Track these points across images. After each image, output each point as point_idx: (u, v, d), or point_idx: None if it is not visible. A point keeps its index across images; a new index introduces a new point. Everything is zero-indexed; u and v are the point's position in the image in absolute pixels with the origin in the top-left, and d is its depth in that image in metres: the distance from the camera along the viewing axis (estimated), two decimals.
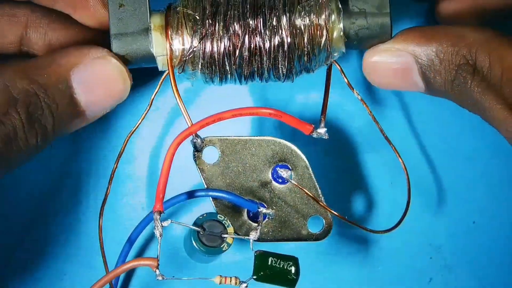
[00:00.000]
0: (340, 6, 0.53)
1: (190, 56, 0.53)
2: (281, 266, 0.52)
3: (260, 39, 0.53)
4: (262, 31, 0.53)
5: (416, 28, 0.54)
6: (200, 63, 0.53)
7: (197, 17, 0.53)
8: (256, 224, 0.55)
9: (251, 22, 0.53)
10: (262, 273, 0.52)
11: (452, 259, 0.62)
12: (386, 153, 0.59)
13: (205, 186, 0.55)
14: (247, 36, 0.53)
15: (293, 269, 0.52)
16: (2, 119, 0.48)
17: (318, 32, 0.53)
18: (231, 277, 0.51)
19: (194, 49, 0.53)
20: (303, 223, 0.56)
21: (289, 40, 0.53)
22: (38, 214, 0.61)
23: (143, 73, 0.56)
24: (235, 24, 0.53)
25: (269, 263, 0.52)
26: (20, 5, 0.55)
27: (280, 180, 0.56)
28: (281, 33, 0.53)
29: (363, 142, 0.62)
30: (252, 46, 0.53)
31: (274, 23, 0.53)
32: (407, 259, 0.62)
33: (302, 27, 0.53)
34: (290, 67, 0.54)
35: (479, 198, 0.62)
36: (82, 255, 0.61)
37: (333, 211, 0.55)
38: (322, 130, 0.54)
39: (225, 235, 0.53)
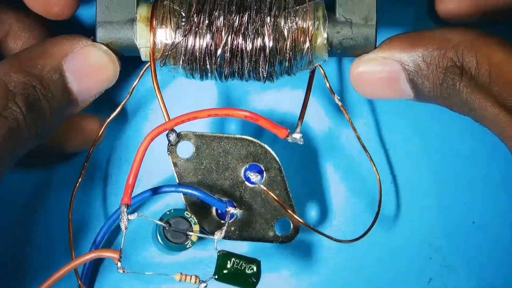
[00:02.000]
0: (326, 14, 0.53)
1: (173, 51, 0.53)
2: (242, 268, 0.53)
3: (243, 41, 0.53)
4: (245, 32, 0.53)
5: (400, 35, 0.54)
6: (181, 59, 0.53)
7: (183, 13, 0.53)
8: (223, 223, 0.55)
9: (235, 23, 0.53)
10: (222, 273, 0.52)
11: (451, 259, 0.62)
12: (366, 160, 0.59)
13: (177, 181, 0.56)
14: (229, 36, 0.53)
15: (254, 271, 0.53)
16: (4, 113, 0.48)
17: (302, 38, 0.53)
18: (191, 276, 0.52)
19: (177, 44, 0.53)
20: (271, 224, 0.56)
21: (271, 44, 0.53)
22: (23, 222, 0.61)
23: (125, 62, 0.56)
24: (218, 23, 0.53)
25: (231, 264, 0.53)
26: (7, 11, 0.56)
27: (251, 180, 0.56)
28: (264, 36, 0.53)
29: (344, 148, 0.62)
30: (234, 46, 0.53)
31: (258, 25, 0.53)
32: (407, 259, 0.62)
33: (286, 32, 0.53)
34: (270, 70, 0.54)
35: (479, 198, 0.62)
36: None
37: (297, 217, 0.55)
38: (297, 135, 0.54)
39: (190, 233, 0.53)
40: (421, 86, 0.52)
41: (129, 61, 0.56)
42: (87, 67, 0.53)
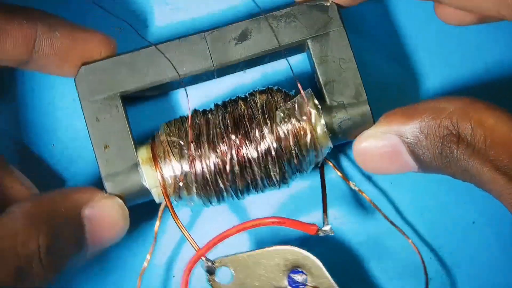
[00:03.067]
0: (317, 103, 0.54)
1: (184, 182, 0.53)
2: None
3: (247, 151, 0.53)
4: (247, 143, 0.53)
5: (396, 109, 0.54)
6: (194, 186, 0.53)
7: (182, 142, 0.53)
8: None
9: (234, 137, 0.53)
10: None
11: (452, 259, 0.61)
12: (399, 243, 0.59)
13: None
14: (234, 151, 0.53)
15: None
16: (22, 251, 0.47)
17: (302, 132, 0.53)
18: None
19: (185, 174, 0.53)
20: None
21: (275, 146, 0.53)
22: None
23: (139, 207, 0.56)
24: (219, 142, 0.53)
25: None
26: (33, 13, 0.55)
27: (297, 286, 0.55)
28: (266, 141, 0.53)
29: (377, 233, 0.62)
30: (241, 160, 0.53)
31: (257, 133, 0.53)
32: (407, 259, 0.61)
33: (286, 131, 0.53)
34: (282, 172, 0.54)
35: (479, 198, 0.61)
36: None
37: None
38: (327, 228, 0.54)
39: None
40: (422, 157, 0.53)
41: (142, 206, 0.56)
42: (103, 219, 0.53)
